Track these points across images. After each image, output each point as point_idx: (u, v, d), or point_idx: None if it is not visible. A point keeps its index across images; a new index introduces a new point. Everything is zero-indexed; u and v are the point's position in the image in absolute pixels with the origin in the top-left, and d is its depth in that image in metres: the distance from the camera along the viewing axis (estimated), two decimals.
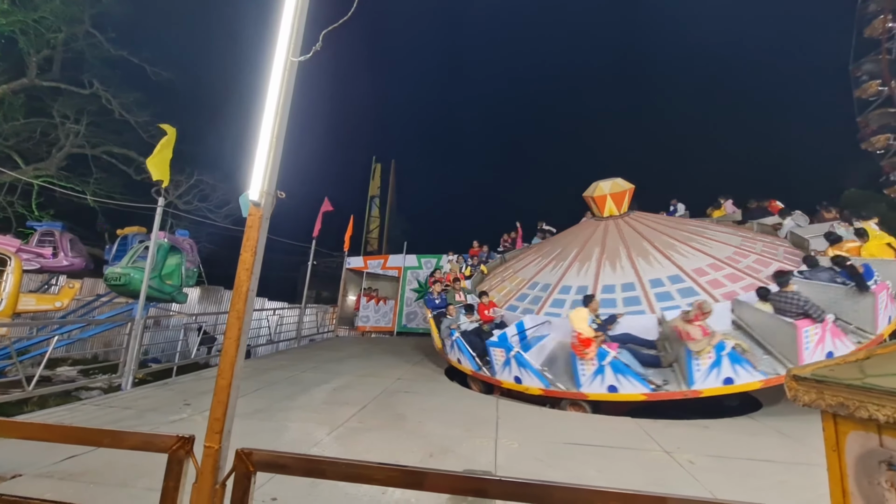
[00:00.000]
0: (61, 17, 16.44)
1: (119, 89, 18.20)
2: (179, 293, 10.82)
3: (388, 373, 8.29)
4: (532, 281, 8.85)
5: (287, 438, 4.60)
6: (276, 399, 6.14)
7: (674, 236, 8.53)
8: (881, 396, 1.10)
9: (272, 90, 2.14)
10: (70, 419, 5.10)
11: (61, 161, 17.64)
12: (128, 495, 3.22)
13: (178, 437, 1.74)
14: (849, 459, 1.19)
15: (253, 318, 12.46)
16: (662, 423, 5.49)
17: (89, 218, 18.29)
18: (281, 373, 7.98)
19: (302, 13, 2.25)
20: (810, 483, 3.64)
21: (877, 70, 26.61)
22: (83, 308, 12.37)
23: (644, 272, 7.70)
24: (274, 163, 2.14)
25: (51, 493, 3.19)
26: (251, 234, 2.06)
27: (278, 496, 3.19)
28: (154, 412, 5.45)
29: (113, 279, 9.49)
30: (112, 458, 3.71)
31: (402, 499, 3.26)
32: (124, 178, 19.04)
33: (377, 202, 26.57)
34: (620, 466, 4.10)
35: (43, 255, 11.53)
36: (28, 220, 16.07)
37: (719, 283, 7.08)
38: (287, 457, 1.74)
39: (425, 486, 1.68)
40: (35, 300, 9.77)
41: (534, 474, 3.78)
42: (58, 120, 17.30)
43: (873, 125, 26.63)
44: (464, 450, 4.40)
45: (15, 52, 16.34)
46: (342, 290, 16.99)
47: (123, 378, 6.92)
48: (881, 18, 25.92)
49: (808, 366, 1.32)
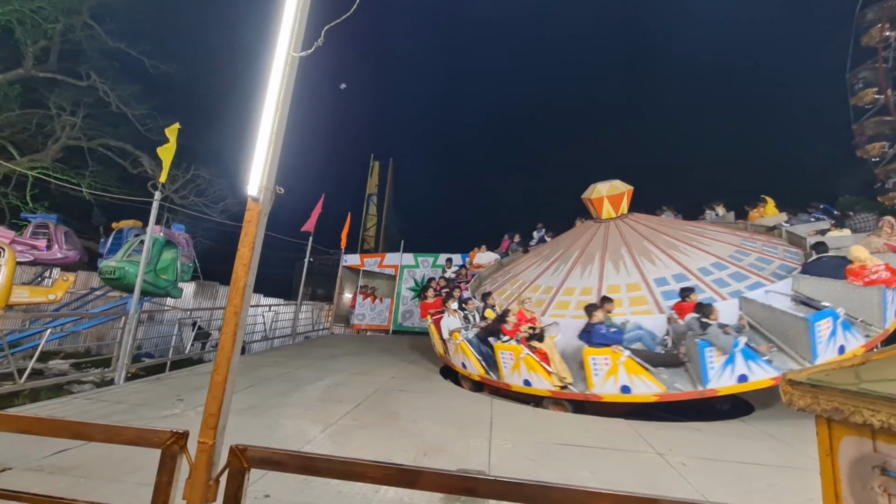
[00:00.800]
0: (59, 8, 16.29)
1: (117, 82, 18.04)
2: (174, 288, 10.77)
3: (382, 371, 8.29)
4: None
5: (280, 435, 4.59)
6: (269, 395, 6.12)
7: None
8: (876, 401, 1.11)
9: (272, 85, 2.13)
10: (62, 413, 5.06)
11: (57, 153, 17.48)
12: (119, 490, 3.19)
13: (172, 433, 1.73)
14: (842, 464, 1.20)
15: (249, 314, 12.51)
16: (655, 426, 5.52)
17: (85, 211, 18.15)
18: (275, 369, 7.95)
19: (304, 8, 2.24)
20: (800, 487, 3.67)
21: (873, 78, 26.81)
22: (77, 301, 12.29)
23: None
24: (273, 158, 2.12)
25: (41, 488, 3.16)
26: (249, 229, 2.05)
27: (271, 493, 3.18)
28: (146, 407, 5.42)
29: (107, 273, 9.43)
30: (103, 453, 3.69)
31: (395, 497, 3.25)
32: (120, 171, 18.89)
33: (375, 200, 26.53)
34: (613, 467, 4.11)
35: (37, 247, 11.43)
36: (22, 211, 15.92)
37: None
38: (281, 453, 1.74)
39: (418, 484, 1.68)
40: (28, 292, 9.68)
41: (527, 474, 3.79)
42: (54, 111, 17.14)
43: (869, 133, 26.84)
44: (457, 449, 4.40)
45: (11, 42, 16.17)
46: (338, 287, 16.95)
47: (116, 372, 6.88)
48: (878, 27, 26.12)
49: (804, 370, 1.33)
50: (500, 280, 10.32)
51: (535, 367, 6.40)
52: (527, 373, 6.52)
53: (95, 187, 16.58)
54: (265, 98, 2.12)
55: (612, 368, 5.96)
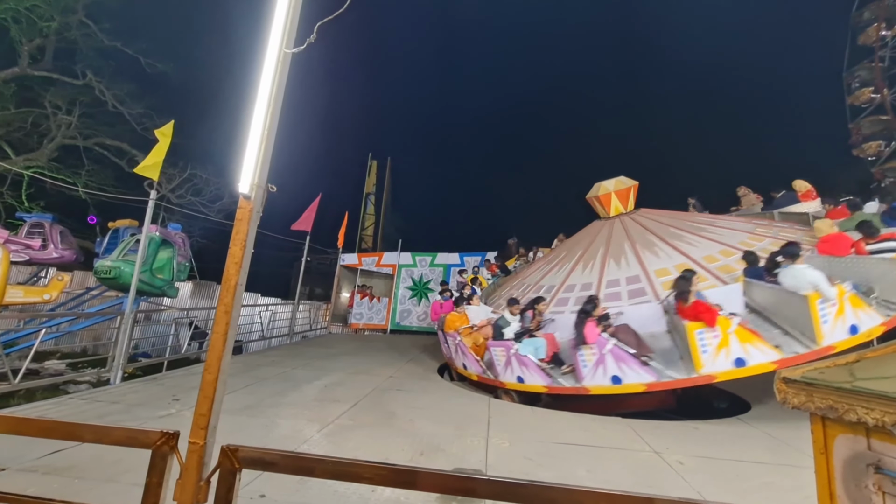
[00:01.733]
0: (54, 6, 16.21)
1: (112, 80, 17.96)
2: (170, 287, 10.73)
3: (380, 370, 8.27)
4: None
5: (276, 435, 4.57)
6: (266, 395, 6.10)
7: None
8: (870, 400, 1.10)
9: (264, 82, 2.11)
10: (57, 413, 5.03)
11: (52, 152, 17.40)
12: (114, 490, 3.17)
13: (163, 433, 1.71)
14: (837, 462, 1.19)
15: (245, 313, 12.34)
16: (652, 424, 5.52)
17: (81, 210, 18.07)
18: (272, 369, 7.93)
19: (296, 4, 2.22)
20: (796, 484, 3.67)
21: (870, 77, 26.86)
22: (73, 301, 12.23)
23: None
24: (265, 156, 2.10)
25: (35, 488, 3.14)
26: (241, 227, 2.03)
27: (266, 493, 3.17)
28: (142, 407, 5.39)
29: (103, 272, 9.38)
30: (98, 453, 3.67)
31: (391, 497, 3.24)
32: (116, 170, 18.80)
33: (373, 199, 26.53)
34: (610, 466, 4.11)
35: (32, 246, 11.36)
36: (18, 211, 15.84)
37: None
38: (273, 454, 1.72)
39: (414, 485, 1.67)
40: (23, 292, 9.63)
41: (524, 474, 3.78)
42: (49, 110, 17.05)
43: (865, 132, 26.91)
44: (454, 448, 4.39)
45: (6, 41, 16.09)
46: (336, 286, 16.92)
47: (112, 372, 6.85)
48: (875, 27, 26.17)
49: (799, 368, 1.32)
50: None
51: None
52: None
53: (91, 186, 16.52)
54: (257, 95, 2.10)
55: (723, 340, 5.47)
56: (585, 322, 6.12)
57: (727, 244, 7.59)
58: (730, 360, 5.42)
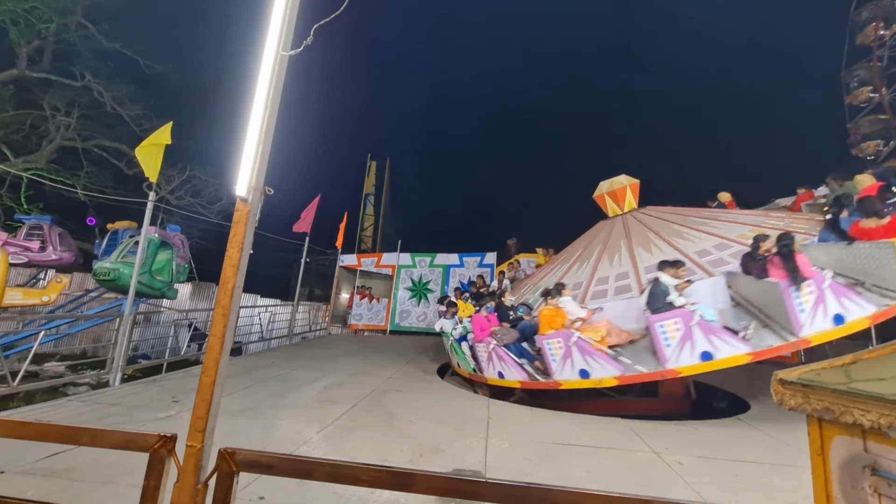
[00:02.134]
0: (53, 8, 16.18)
1: (111, 82, 17.93)
2: (170, 289, 10.71)
3: (379, 371, 8.27)
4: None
5: (276, 437, 4.56)
6: (265, 397, 6.09)
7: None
8: (866, 401, 1.10)
9: (261, 84, 2.11)
10: (55, 415, 5.02)
11: (51, 154, 17.37)
12: (112, 493, 3.17)
13: (160, 436, 1.71)
14: (833, 464, 1.19)
15: (245, 314, 12.32)
16: (652, 424, 5.52)
17: (80, 212, 18.04)
18: (272, 370, 7.92)
19: (293, 7, 2.22)
20: (795, 485, 3.67)
21: (868, 77, 26.89)
22: (72, 303, 12.21)
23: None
24: (262, 158, 2.10)
25: (34, 491, 3.14)
26: (238, 229, 2.03)
27: (265, 495, 3.16)
28: (141, 409, 5.39)
29: (102, 274, 9.37)
30: (97, 456, 3.66)
31: (391, 498, 3.24)
32: (115, 171, 18.77)
33: (372, 200, 26.52)
34: (609, 467, 4.11)
35: (30, 248, 11.34)
36: (16, 213, 15.82)
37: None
38: (271, 456, 1.72)
39: (411, 487, 1.67)
40: (22, 294, 9.61)
41: (523, 474, 3.78)
42: (48, 112, 17.02)
43: (864, 131, 26.94)
44: (454, 449, 4.39)
45: (5, 43, 16.07)
46: (335, 287, 16.91)
47: (112, 374, 6.84)
48: (873, 26, 26.20)
49: (795, 370, 1.32)
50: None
51: None
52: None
53: (90, 188, 16.48)
54: (253, 99, 2.10)
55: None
56: None
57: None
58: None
